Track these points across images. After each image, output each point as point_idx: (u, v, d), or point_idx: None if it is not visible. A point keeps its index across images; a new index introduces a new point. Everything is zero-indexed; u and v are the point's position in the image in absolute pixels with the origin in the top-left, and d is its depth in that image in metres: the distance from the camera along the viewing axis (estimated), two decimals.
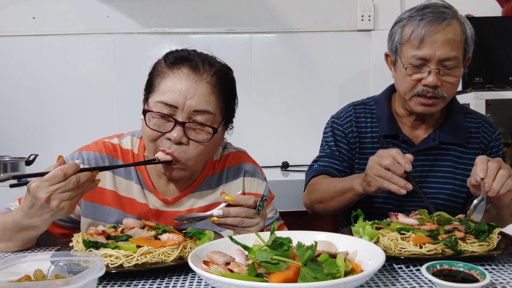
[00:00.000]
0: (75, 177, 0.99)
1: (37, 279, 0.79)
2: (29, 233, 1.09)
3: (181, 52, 1.18)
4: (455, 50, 1.37)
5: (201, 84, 1.13)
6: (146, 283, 0.92)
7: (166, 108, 1.11)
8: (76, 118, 2.55)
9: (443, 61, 1.38)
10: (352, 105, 1.63)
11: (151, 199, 1.24)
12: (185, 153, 1.14)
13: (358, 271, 0.84)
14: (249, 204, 1.09)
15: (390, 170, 1.22)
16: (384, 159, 1.23)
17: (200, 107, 1.12)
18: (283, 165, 2.54)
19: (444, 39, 1.36)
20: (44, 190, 0.97)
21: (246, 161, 1.35)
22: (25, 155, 2.34)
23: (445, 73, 1.40)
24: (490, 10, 2.48)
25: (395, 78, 1.51)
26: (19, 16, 2.54)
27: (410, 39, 1.40)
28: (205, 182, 1.28)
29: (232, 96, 1.23)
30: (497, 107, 2.33)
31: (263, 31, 2.60)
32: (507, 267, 0.96)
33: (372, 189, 1.28)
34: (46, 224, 1.08)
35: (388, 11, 2.59)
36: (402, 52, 1.44)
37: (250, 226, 1.10)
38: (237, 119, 1.50)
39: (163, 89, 1.13)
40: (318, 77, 2.62)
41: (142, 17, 2.57)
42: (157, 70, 1.19)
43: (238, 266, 0.85)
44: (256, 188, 1.33)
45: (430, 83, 1.38)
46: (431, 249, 0.99)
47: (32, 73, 2.54)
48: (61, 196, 0.98)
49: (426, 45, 1.37)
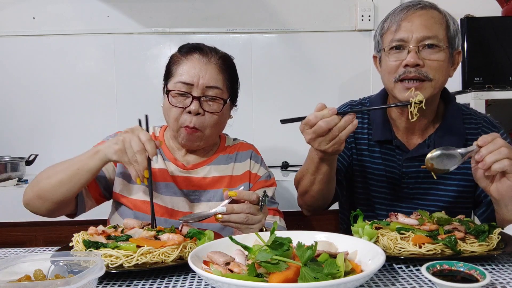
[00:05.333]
0: (137, 151, 1.17)
1: (37, 279, 0.79)
2: (88, 165, 1.24)
3: (192, 44, 1.43)
4: (433, 31, 1.33)
5: (210, 66, 1.37)
6: (146, 283, 0.92)
7: (184, 86, 1.35)
8: (76, 118, 2.55)
9: (422, 40, 1.32)
10: (349, 105, 1.60)
11: (170, 166, 1.44)
12: (203, 122, 1.36)
13: (358, 271, 0.84)
14: (252, 199, 1.14)
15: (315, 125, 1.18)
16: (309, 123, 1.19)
17: (211, 84, 1.35)
18: (283, 165, 2.54)
19: (422, 20, 1.33)
20: (129, 132, 1.21)
21: (254, 150, 1.56)
22: (25, 155, 2.35)
23: (426, 53, 1.33)
24: (490, 10, 2.47)
25: (381, 75, 1.46)
26: (19, 16, 2.54)
27: (388, 27, 1.39)
28: (219, 158, 1.48)
29: (235, 77, 1.46)
30: (497, 107, 2.33)
31: (263, 31, 2.60)
32: (507, 267, 0.97)
33: (323, 147, 1.21)
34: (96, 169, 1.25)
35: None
36: (383, 41, 1.41)
37: (254, 224, 1.13)
38: (237, 119, 1.52)
39: (180, 72, 1.37)
40: (318, 77, 2.61)
41: (142, 17, 2.56)
42: (173, 60, 1.42)
43: (238, 266, 0.85)
44: (257, 170, 1.50)
45: (409, 62, 1.31)
46: (431, 249, 0.99)
47: (32, 73, 2.54)
48: (121, 145, 1.19)
49: (403, 27, 1.34)
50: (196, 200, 1.41)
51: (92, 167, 1.24)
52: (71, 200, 1.30)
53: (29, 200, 1.29)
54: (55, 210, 1.29)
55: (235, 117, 1.52)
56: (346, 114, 1.18)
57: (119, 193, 1.40)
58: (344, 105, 1.61)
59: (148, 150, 1.17)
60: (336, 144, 1.20)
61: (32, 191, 1.28)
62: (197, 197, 1.42)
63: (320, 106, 1.20)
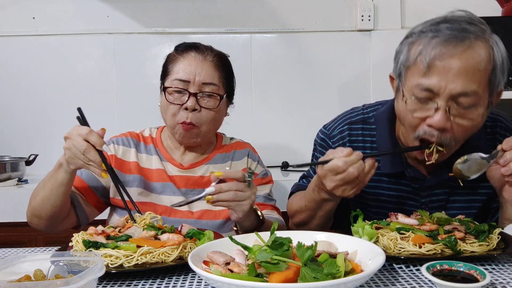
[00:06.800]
0: (86, 146, 1.17)
1: (37, 279, 0.79)
2: (57, 175, 1.24)
3: (188, 42, 1.44)
4: (475, 83, 1.05)
5: (206, 63, 1.38)
6: (146, 283, 0.92)
7: (181, 83, 1.36)
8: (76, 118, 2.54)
9: (457, 96, 1.06)
10: (348, 123, 1.36)
11: (167, 167, 1.45)
12: (200, 118, 1.36)
13: (358, 271, 0.84)
14: (238, 177, 1.17)
15: None
16: (337, 169, 1.09)
17: (208, 80, 1.37)
18: (283, 165, 2.54)
19: (461, 67, 1.04)
20: (70, 132, 1.22)
21: (251, 149, 1.56)
22: (25, 155, 2.34)
23: (458, 113, 1.08)
24: (490, 10, 2.47)
25: (397, 108, 1.20)
26: (19, 16, 2.54)
27: (416, 61, 1.08)
28: (216, 157, 1.49)
29: (231, 75, 1.47)
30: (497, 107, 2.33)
31: (263, 31, 2.60)
32: (507, 267, 0.96)
33: (346, 194, 1.13)
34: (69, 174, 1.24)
35: (388, 11, 2.59)
36: (407, 78, 1.12)
37: (244, 200, 1.16)
38: (237, 119, 1.52)
39: (176, 70, 1.38)
40: (318, 77, 2.61)
41: (142, 17, 2.56)
42: (170, 58, 1.43)
43: (238, 266, 0.85)
44: (255, 168, 1.50)
45: (435, 124, 1.07)
46: (431, 249, 0.99)
47: (32, 73, 2.54)
48: (71, 145, 1.19)
49: (435, 72, 1.05)
50: None
51: (63, 181, 1.24)
52: (64, 214, 1.32)
53: (29, 219, 1.34)
54: (53, 226, 1.33)
55: (235, 117, 1.52)
56: (367, 158, 1.11)
57: (113, 197, 1.41)
58: (341, 121, 1.39)
59: (93, 143, 1.18)
60: (358, 189, 1.13)
61: (29, 211, 1.33)
62: (196, 196, 1.42)
63: (348, 152, 1.09)
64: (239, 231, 1.27)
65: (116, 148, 1.45)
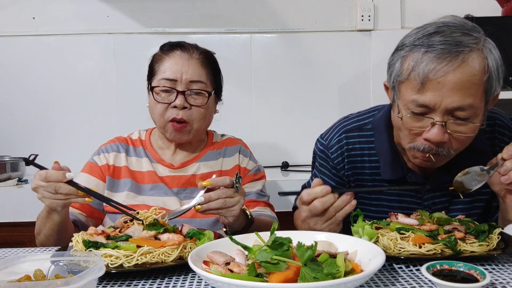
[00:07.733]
0: (54, 185, 1.12)
1: (37, 279, 0.79)
2: (53, 217, 1.23)
3: (173, 42, 1.45)
4: (470, 96, 1.04)
5: (192, 61, 1.39)
6: (146, 283, 0.92)
7: (168, 82, 1.37)
8: (76, 118, 2.54)
9: (453, 110, 1.05)
10: (344, 131, 1.33)
11: (158, 168, 1.45)
12: (191, 115, 1.37)
13: (358, 271, 0.84)
14: (226, 184, 1.17)
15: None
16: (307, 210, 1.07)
17: (195, 78, 1.37)
18: (283, 165, 2.54)
19: (456, 82, 1.02)
20: (33, 182, 1.16)
21: (242, 144, 1.56)
22: (25, 155, 2.34)
23: (454, 127, 1.07)
24: (490, 10, 2.47)
25: (394, 120, 1.20)
26: (19, 16, 2.53)
27: (410, 77, 1.07)
28: (207, 155, 1.49)
29: (218, 72, 1.47)
30: (497, 107, 2.32)
31: (263, 31, 2.60)
32: (507, 267, 0.97)
33: (319, 227, 1.10)
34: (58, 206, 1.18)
35: (388, 11, 2.59)
36: (401, 92, 1.11)
37: (233, 206, 1.17)
38: (237, 119, 1.52)
39: (163, 69, 1.38)
40: (318, 77, 2.61)
41: (142, 17, 2.56)
42: (155, 58, 1.44)
43: (238, 266, 0.85)
44: (246, 164, 1.51)
45: (432, 139, 1.07)
46: (431, 249, 0.99)
47: (32, 73, 2.54)
48: (43, 193, 1.14)
49: (430, 89, 1.04)
50: (187, 198, 1.42)
51: (60, 219, 1.23)
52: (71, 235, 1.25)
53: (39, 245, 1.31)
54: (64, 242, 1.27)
55: (235, 117, 1.52)
56: (344, 193, 1.06)
57: (106, 205, 1.41)
58: (337, 130, 1.37)
59: (56, 180, 1.12)
60: (332, 224, 1.08)
61: (37, 241, 1.32)
62: (188, 195, 1.43)
63: (316, 182, 1.08)
64: (228, 231, 1.27)
65: (107, 156, 1.45)
